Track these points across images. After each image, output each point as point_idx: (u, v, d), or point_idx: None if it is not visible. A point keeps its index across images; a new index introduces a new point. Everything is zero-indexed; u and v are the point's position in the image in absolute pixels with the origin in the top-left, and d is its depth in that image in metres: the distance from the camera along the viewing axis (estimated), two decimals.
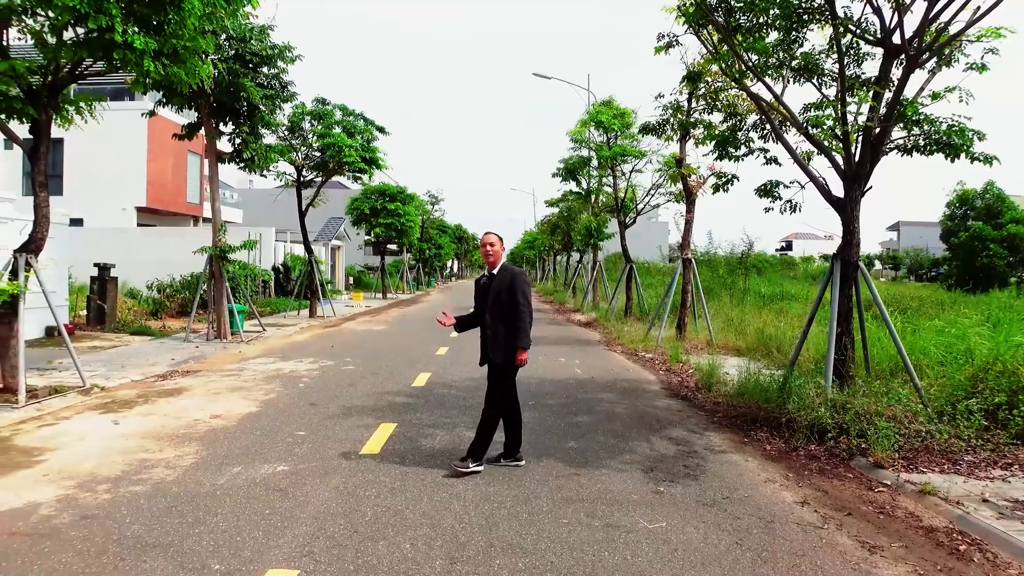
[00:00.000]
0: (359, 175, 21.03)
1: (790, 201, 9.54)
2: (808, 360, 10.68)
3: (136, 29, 8.44)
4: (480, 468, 6.06)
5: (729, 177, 9.97)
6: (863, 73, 9.11)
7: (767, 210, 9.67)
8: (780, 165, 9.79)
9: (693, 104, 14.75)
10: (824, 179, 8.68)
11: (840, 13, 8.12)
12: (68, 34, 8.84)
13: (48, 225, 10.05)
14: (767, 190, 9.52)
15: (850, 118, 8.06)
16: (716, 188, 10.08)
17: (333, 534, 4.63)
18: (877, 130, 7.89)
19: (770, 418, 7.93)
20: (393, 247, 36.84)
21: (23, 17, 9.20)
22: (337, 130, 19.88)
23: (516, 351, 6.10)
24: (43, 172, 9.87)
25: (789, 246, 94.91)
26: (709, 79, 13.81)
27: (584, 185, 24.98)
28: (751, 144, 10.19)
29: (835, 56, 9.22)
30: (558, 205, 34.53)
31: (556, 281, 45.32)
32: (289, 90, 15.83)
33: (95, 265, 16.76)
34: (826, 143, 8.41)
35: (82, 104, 10.43)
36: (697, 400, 9.58)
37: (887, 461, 6.50)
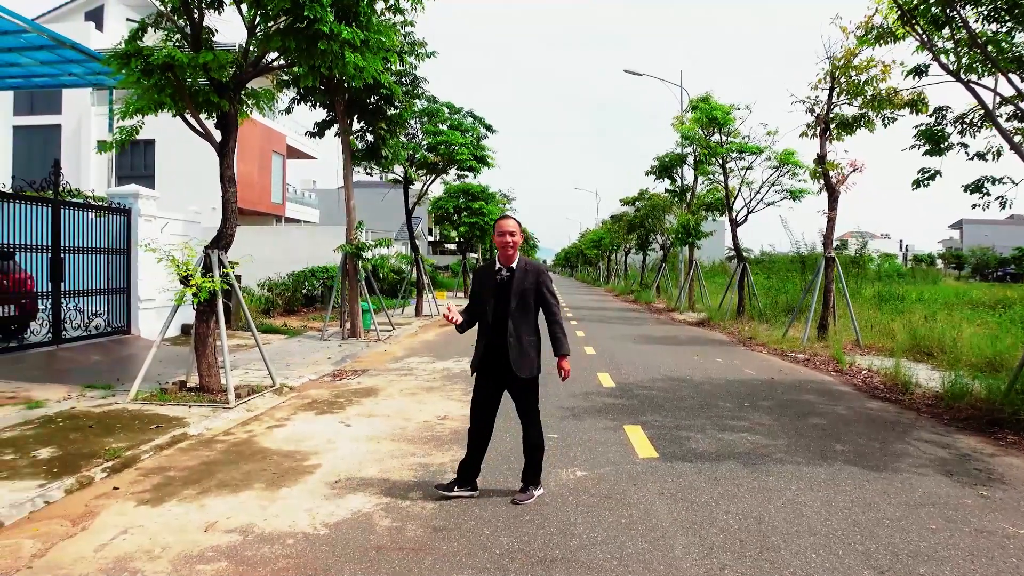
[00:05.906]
0: (466, 173, 20.97)
1: (1000, 198, 9.29)
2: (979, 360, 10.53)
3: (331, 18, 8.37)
4: (541, 491, 5.39)
5: (932, 172, 9.69)
6: None
7: (974, 206, 9.45)
8: (986, 161, 9.51)
9: (833, 99, 14.55)
10: None
11: None
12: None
13: (236, 220, 10.10)
14: (977, 187, 9.28)
15: None
16: (916, 184, 9.80)
17: (723, 545, 4.47)
18: None
19: (1014, 420, 7.69)
20: (451, 246, 36.80)
21: (214, 7, 9.23)
22: (445, 127, 19.83)
23: (549, 361, 5.22)
24: (231, 167, 9.95)
25: (844, 245, 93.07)
26: (854, 72, 13.56)
27: (679, 183, 24.72)
28: (948, 139, 9.94)
29: None
30: (634, 204, 34.29)
31: (628, 280, 44.88)
32: (421, 87, 15.80)
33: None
34: None
35: (261, 98, 10.51)
36: (904, 402, 9.31)
37: None
